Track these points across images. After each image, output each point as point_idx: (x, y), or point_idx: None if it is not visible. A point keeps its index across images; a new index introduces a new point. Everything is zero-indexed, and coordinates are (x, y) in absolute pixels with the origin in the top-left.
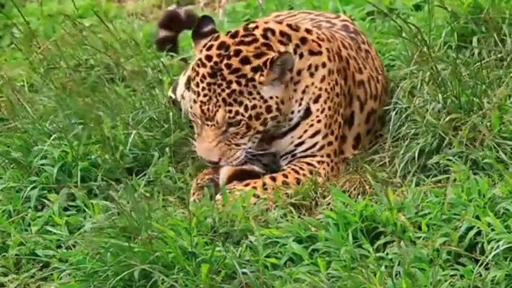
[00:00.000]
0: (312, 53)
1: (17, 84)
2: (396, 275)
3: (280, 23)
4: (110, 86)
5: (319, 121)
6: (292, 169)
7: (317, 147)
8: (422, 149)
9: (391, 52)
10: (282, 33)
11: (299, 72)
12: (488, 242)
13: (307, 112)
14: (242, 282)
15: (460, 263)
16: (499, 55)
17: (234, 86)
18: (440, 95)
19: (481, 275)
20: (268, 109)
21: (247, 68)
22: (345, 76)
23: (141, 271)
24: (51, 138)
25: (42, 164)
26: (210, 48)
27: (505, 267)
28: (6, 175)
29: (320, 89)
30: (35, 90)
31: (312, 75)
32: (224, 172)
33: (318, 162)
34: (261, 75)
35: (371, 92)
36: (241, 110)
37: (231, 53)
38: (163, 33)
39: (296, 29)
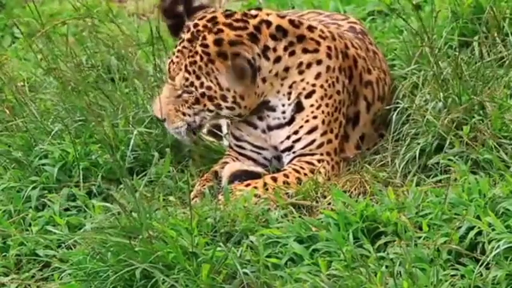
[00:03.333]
0: (305, 51)
1: (17, 83)
2: (397, 274)
3: (283, 17)
4: (111, 85)
5: (315, 117)
6: (293, 169)
7: (315, 144)
8: (423, 148)
9: (392, 52)
10: (278, 28)
11: (286, 69)
12: (489, 242)
13: (299, 106)
14: (243, 282)
15: (460, 262)
16: (500, 54)
17: (197, 58)
18: (441, 94)
19: (481, 275)
20: (224, 98)
21: (214, 49)
22: (350, 75)
23: (142, 271)
24: (52, 133)
25: (42, 164)
26: (202, 18)
27: (505, 266)
28: (6, 175)
29: (314, 85)
30: (36, 90)
31: (301, 72)
32: (226, 172)
33: (318, 161)
34: (221, 63)
35: (379, 93)
36: (196, 83)
37: (214, 30)
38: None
39: (297, 25)
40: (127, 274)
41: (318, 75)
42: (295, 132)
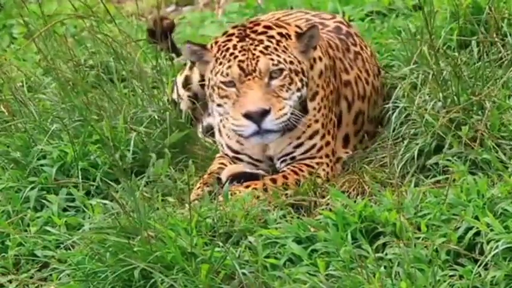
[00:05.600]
0: None
1: (16, 84)
2: (395, 275)
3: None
4: (109, 85)
5: (316, 121)
6: (292, 170)
7: (316, 148)
8: (422, 149)
9: (391, 52)
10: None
11: None
12: (488, 242)
13: (304, 110)
14: (242, 283)
15: (459, 263)
16: (499, 55)
17: (267, 43)
18: (440, 94)
19: (480, 275)
20: (303, 71)
21: (273, 32)
22: (334, 74)
23: (141, 271)
24: (50, 133)
25: (41, 164)
26: (226, 32)
27: (504, 267)
28: (5, 175)
29: (318, 85)
30: (35, 90)
31: (311, 67)
32: (225, 173)
33: (318, 163)
34: (287, 40)
35: (358, 93)
36: (281, 59)
37: (252, 26)
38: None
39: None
40: (126, 274)
41: (320, 74)
42: (298, 138)
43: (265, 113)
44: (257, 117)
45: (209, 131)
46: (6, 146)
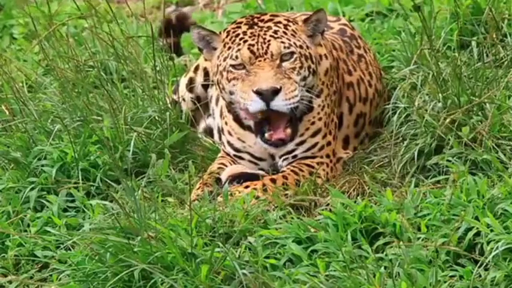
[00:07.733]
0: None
1: (17, 84)
2: (396, 275)
3: None
4: (109, 86)
5: (320, 119)
6: (292, 170)
7: (318, 147)
8: (422, 149)
9: (391, 53)
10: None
11: None
12: (488, 243)
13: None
14: (242, 283)
15: (459, 263)
16: (499, 55)
17: (275, 28)
18: (440, 95)
19: (480, 276)
20: (311, 57)
21: (280, 18)
22: (337, 75)
23: (141, 271)
24: (52, 134)
25: (41, 165)
26: (235, 21)
27: (504, 267)
28: (5, 175)
29: (323, 83)
30: (35, 91)
31: (318, 63)
32: (225, 174)
33: (318, 163)
34: (294, 24)
35: (360, 95)
36: (292, 42)
37: (259, 16)
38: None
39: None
40: (126, 275)
41: (326, 72)
42: (300, 135)
43: (276, 92)
44: (268, 95)
45: (209, 132)
46: (6, 146)
